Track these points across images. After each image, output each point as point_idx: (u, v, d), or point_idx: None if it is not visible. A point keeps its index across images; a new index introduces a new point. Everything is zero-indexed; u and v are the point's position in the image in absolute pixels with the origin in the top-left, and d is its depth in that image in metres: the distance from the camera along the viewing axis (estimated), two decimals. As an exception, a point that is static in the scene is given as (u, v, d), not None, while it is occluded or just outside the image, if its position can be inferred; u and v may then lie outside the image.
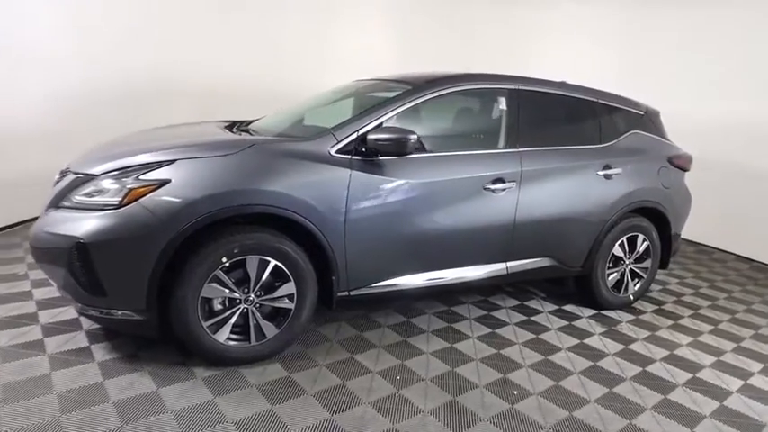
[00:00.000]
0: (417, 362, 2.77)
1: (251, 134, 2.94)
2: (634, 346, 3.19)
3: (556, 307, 3.71)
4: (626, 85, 5.66)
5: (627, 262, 3.68)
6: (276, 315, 2.59)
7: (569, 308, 3.71)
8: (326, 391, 2.41)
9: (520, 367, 2.81)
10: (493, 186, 2.99)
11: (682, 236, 4.09)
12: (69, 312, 2.93)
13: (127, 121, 4.06)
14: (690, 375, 2.88)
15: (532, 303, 3.73)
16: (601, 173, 3.39)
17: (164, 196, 2.26)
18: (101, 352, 2.57)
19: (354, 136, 2.66)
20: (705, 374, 2.91)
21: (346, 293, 2.76)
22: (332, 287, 2.67)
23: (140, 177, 2.30)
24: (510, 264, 3.21)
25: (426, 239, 2.88)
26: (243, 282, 2.47)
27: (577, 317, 3.57)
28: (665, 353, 3.13)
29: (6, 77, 3.94)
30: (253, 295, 2.50)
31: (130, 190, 2.26)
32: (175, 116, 4.05)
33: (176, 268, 2.32)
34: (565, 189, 3.26)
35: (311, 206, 2.50)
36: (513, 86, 3.21)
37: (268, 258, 2.47)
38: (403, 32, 6.45)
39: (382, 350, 2.86)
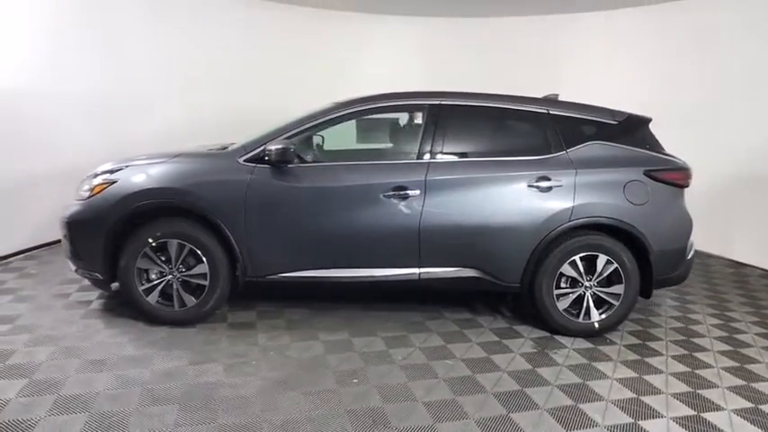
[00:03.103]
0: (303, 346, 3.13)
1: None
2: (542, 370, 2.95)
3: (506, 326, 3.57)
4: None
5: (586, 285, 3.35)
6: (196, 289, 3.28)
7: (521, 328, 3.54)
8: (205, 350, 2.99)
9: (390, 363, 2.94)
10: (393, 194, 3.20)
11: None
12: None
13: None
14: (568, 404, 2.60)
15: (485, 320, 3.66)
16: (535, 185, 3.26)
17: (112, 191, 3.19)
18: (96, 305, 3.62)
19: (261, 148, 3.24)
20: (589, 407, 2.58)
21: (254, 279, 3.30)
22: (237, 272, 3.26)
23: (104, 178, 3.27)
24: (423, 270, 3.32)
25: (327, 239, 3.25)
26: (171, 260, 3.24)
27: (519, 336, 3.40)
28: (573, 381, 2.84)
29: (115, 120, 5.52)
30: (176, 271, 3.24)
31: (95, 186, 3.25)
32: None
33: (121, 244, 3.21)
34: (483, 199, 3.24)
35: (214, 202, 3.16)
36: (434, 101, 3.38)
37: (185, 243, 3.20)
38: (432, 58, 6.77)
39: (287, 332, 3.30)
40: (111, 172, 3.29)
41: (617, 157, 3.37)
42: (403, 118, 3.62)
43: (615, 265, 3.31)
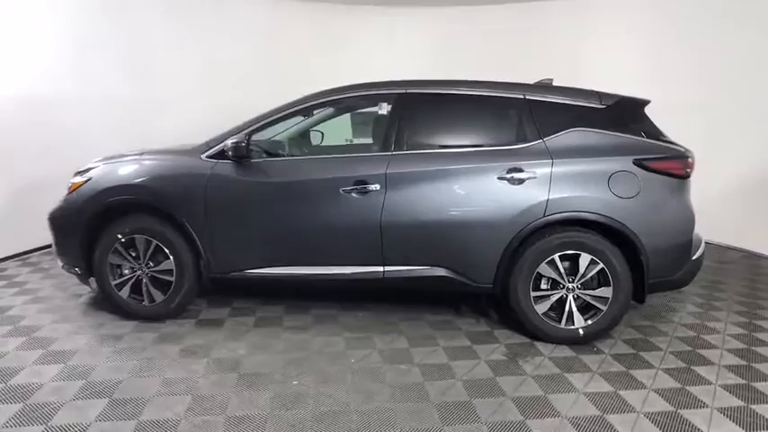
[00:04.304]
0: (261, 344, 3.08)
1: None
2: (503, 380, 2.69)
3: (486, 329, 3.32)
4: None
5: (568, 287, 3.04)
6: (165, 285, 3.32)
7: (501, 333, 3.27)
8: (162, 346, 3.01)
9: (341, 365, 2.81)
10: (353, 189, 3.05)
11: None
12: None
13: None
14: (515, 419, 2.34)
15: (466, 322, 3.42)
16: (505, 177, 2.99)
17: (85, 188, 3.30)
18: (85, 298, 3.77)
19: (222, 144, 3.22)
20: (539, 423, 2.31)
21: (219, 275, 3.28)
22: (201, 268, 3.26)
23: (81, 176, 3.39)
24: (387, 268, 3.15)
25: (286, 236, 3.16)
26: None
27: (494, 342, 3.14)
28: (532, 393, 2.56)
29: (149, 119, 5.77)
30: (144, 266, 3.30)
31: (72, 183, 3.38)
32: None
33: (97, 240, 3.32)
34: (448, 194, 3.01)
35: (176, 198, 3.17)
36: (401, 90, 3.19)
37: (151, 239, 3.24)
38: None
39: (255, 330, 3.27)
40: (87, 170, 3.40)
41: (602, 145, 3.01)
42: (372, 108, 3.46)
43: (600, 265, 2.97)
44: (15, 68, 4.64)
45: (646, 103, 3.14)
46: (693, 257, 3.10)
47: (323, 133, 3.99)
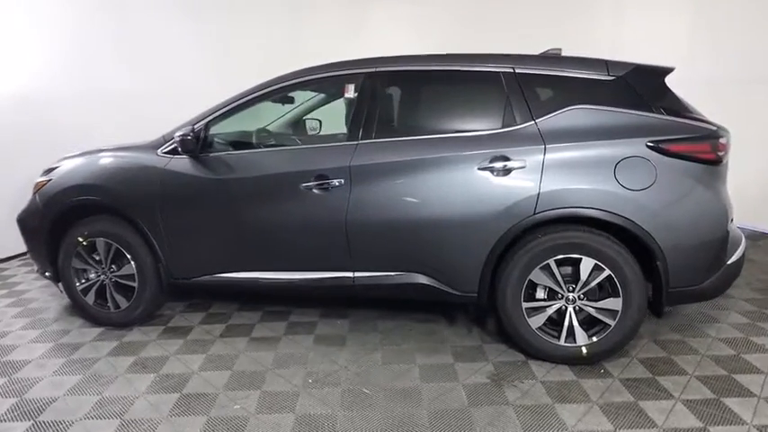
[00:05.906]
0: (218, 357, 2.81)
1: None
2: (477, 410, 2.26)
3: (476, 344, 2.88)
4: None
5: (568, 297, 2.54)
6: (129, 291, 3.12)
7: (493, 347, 2.83)
8: (115, 359, 2.81)
9: (293, 386, 2.48)
10: (314, 184, 2.69)
11: None
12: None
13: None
14: (478, 464, 1.92)
15: (455, 333, 3.00)
16: (487, 167, 2.51)
17: (45, 190, 3.14)
18: (65, 301, 3.65)
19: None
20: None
21: (180, 280, 3.04)
22: (161, 273, 3.02)
23: (45, 176, 3.24)
24: (357, 274, 2.77)
25: (244, 238, 2.85)
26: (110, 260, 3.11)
27: (482, 359, 2.70)
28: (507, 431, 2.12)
29: (169, 108, 5.62)
30: (107, 271, 3.11)
31: (36, 184, 3.23)
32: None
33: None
34: (420, 188, 2.57)
35: (129, 198, 2.93)
36: (370, 69, 2.77)
37: (111, 242, 3.04)
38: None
39: (220, 340, 3.00)
40: (53, 169, 3.24)
41: (607, 125, 2.46)
42: (332, 93, 3.08)
43: (607, 271, 2.45)
44: (18, 66, 4.60)
45: (667, 71, 2.55)
46: (729, 261, 2.50)
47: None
